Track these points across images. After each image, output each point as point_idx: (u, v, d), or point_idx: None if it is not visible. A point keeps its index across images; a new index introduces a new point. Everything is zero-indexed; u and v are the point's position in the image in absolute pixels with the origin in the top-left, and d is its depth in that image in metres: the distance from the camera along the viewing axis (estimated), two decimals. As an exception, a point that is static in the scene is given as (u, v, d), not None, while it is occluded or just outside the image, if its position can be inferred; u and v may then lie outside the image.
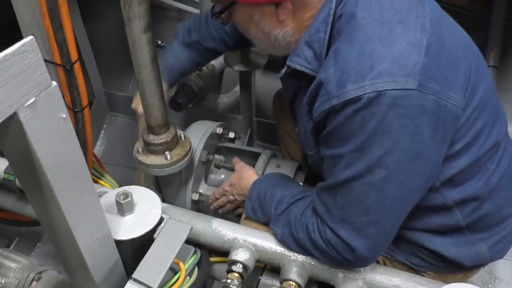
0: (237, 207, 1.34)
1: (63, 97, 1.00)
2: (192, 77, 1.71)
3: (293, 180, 1.31)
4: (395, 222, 0.93)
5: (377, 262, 1.05)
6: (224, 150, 1.53)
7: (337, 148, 0.88)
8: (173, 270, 0.97)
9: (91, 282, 0.88)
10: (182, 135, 1.23)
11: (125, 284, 0.86)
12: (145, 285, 0.86)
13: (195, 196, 1.36)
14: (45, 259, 1.78)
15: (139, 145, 1.20)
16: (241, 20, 1.02)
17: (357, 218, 0.90)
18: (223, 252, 1.12)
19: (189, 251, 1.04)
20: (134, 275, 0.87)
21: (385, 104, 0.80)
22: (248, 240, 1.06)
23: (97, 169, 1.38)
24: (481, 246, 1.06)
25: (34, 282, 1.09)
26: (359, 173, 0.86)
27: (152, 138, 1.15)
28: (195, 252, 1.06)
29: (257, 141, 2.16)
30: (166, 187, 1.36)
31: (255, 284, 1.13)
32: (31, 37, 0.57)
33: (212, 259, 1.17)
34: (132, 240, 0.94)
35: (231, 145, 1.53)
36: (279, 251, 1.05)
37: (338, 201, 0.91)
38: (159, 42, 2.18)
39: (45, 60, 0.64)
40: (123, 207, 0.95)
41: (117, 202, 0.95)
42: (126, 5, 0.91)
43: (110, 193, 1.01)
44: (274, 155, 1.45)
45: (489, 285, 1.70)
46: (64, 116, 0.65)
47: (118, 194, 0.96)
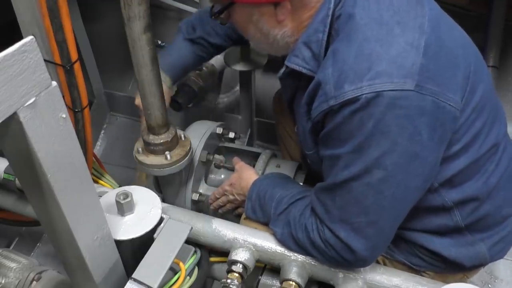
0: (237, 207, 1.34)
1: (63, 97, 1.00)
2: (192, 77, 1.71)
3: (293, 180, 1.31)
4: (393, 222, 0.93)
5: (377, 262, 1.05)
6: (224, 150, 1.53)
7: (336, 149, 0.88)
8: (173, 270, 0.97)
9: (91, 282, 0.88)
10: (182, 135, 1.23)
11: (125, 284, 0.86)
12: (145, 285, 0.86)
13: (195, 196, 1.36)
14: (45, 259, 1.78)
15: (139, 145, 1.20)
16: (240, 20, 1.02)
17: (355, 218, 0.90)
18: (223, 252, 1.12)
19: (189, 251, 1.04)
20: (134, 275, 0.87)
21: (383, 104, 0.80)
22: (248, 240, 1.06)
23: (97, 169, 1.38)
24: (480, 247, 1.06)
25: (34, 282, 1.08)
26: (357, 174, 0.86)
27: (152, 138, 1.15)
28: (195, 252, 1.06)
29: (257, 141, 2.16)
30: (166, 187, 1.36)
31: (255, 284, 1.13)
32: (31, 37, 0.57)
33: (212, 259, 1.17)
34: (132, 240, 0.94)
35: (231, 145, 1.53)
36: (279, 251, 1.04)
37: (337, 202, 0.91)
38: (159, 42, 2.18)
39: (45, 60, 0.64)
40: (123, 207, 0.95)
41: (117, 202, 0.95)
42: (126, 5, 0.91)
43: (110, 193, 1.01)
44: (274, 155, 1.45)
45: (489, 285, 1.70)
46: (64, 116, 0.65)
47: (118, 194, 0.96)
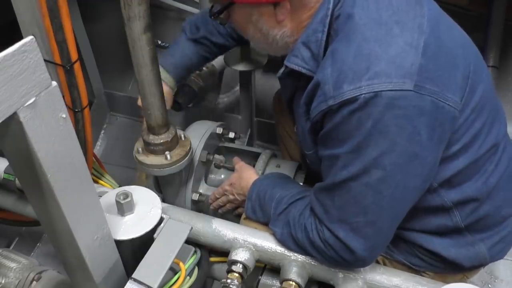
0: (237, 207, 1.34)
1: (63, 97, 1.00)
2: (192, 77, 1.71)
3: (293, 180, 1.31)
4: (392, 222, 0.93)
5: (376, 262, 1.05)
6: (224, 150, 1.53)
7: (334, 149, 0.88)
8: (173, 270, 0.97)
9: (91, 282, 0.88)
10: (182, 135, 1.23)
11: (125, 284, 0.86)
12: (145, 285, 0.86)
13: (195, 196, 1.36)
14: (45, 259, 1.78)
15: (139, 145, 1.20)
16: (240, 20, 1.02)
17: (354, 218, 0.90)
18: (223, 252, 1.12)
19: (189, 251, 1.04)
20: (134, 275, 0.87)
21: (381, 105, 0.80)
22: (248, 240, 1.06)
23: (97, 169, 1.38)
24: (480, 247, 1.06)
25: (34, 282, 1.08)
26: (356, 174, 0.86)
27: (152, 138, 1.15)
28: (195, 252, 1.06)
29: (257, 141, 2.16)
30: (166, 187, 1.36)
31: (255, 284, 1.13)
32: (31, 37, 0.57)
33: (212, 259, 1.17)
34: (132, 240, 0.94)
35: (231, 145, 1.53)
36: (279, 251, 1.05)
37: (335, 202, 0.91)
38: (159, 42, 2.18)
39: (45, 60, 0.64)
40: (123, 207, 0.95)
41: (117, 202, 0.95)
42: (126, 5, 0.91)
43: (110, 193, 1.01)
44: (274, 155, 1.46)
45: (489, 285, 1.70)
46: (64, 116, 0.65)
47: (118, 194, 0.96)
